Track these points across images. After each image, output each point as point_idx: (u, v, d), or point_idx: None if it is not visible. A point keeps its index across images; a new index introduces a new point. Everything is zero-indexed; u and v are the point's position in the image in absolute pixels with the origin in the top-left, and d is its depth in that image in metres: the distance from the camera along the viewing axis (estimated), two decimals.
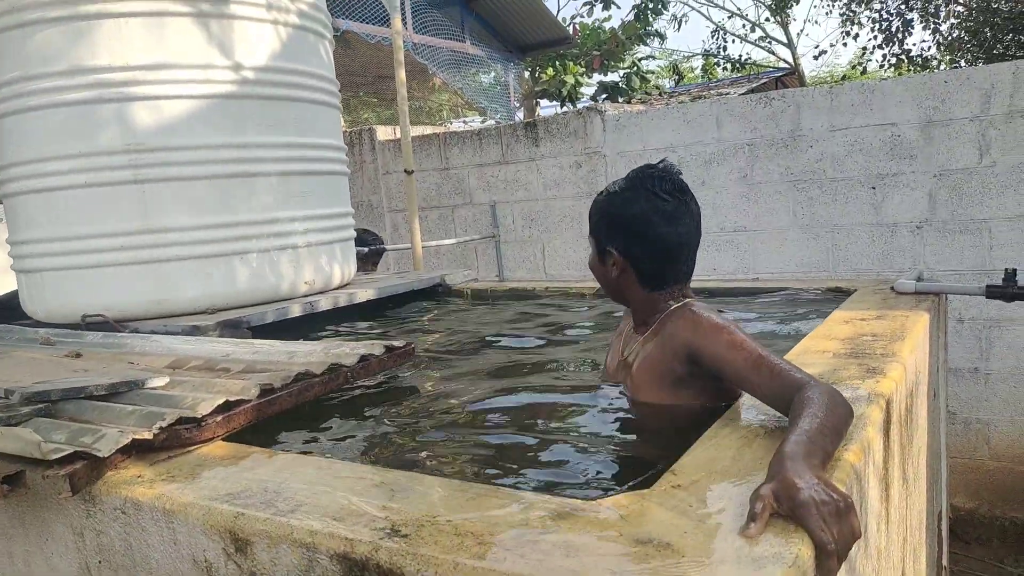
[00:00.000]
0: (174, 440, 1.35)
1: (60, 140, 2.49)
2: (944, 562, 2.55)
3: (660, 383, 1.49)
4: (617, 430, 1.52)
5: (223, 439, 1.41)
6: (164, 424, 1.33)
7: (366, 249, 4.16)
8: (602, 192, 1.63)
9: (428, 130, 6.07)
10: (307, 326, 2.65)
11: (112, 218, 2.51)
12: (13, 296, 2.93)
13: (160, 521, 1.15)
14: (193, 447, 1.36)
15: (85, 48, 2.45)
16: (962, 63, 10.52)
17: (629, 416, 1.55)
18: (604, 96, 11.38)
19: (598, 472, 1.30)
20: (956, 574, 3.68)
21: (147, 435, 1.31)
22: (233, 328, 2.41)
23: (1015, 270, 2.18)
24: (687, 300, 1.57)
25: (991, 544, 4.07)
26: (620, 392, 1.62)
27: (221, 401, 1.43)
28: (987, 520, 4.14)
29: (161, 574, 1.17)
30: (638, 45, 12.85)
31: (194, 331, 2.36)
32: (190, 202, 2.55)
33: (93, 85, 2.46)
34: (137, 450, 1.32)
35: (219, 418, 1.41)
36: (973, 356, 4.06)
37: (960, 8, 10.43)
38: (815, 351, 1.70)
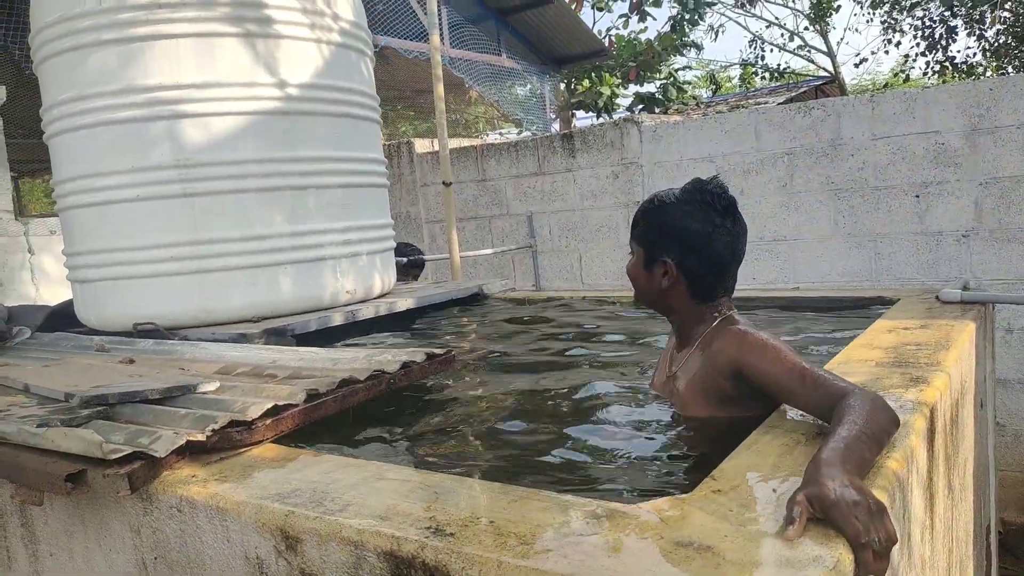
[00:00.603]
0: (225, 442, 1.40)
1: (113, 156, 2.60)
2: None
3: (707, 400, 1.52)
4: (658, 438, 1.53)
5: (272, 442, 1.45)
6: (216, 427, 1.38)
7: (405, 260, 4.22)
8: (653, 200, 1.63)
9: (465, 142, 6.15)
10: (349, 334, 2.71)
11: (162, 230, 2.59)
12: (68, 305, 3.05)
13: (214, 519, 1.19)
14: (244, 449, 1.40)
15: (138, 68, 2.55)
16: (1009, 69, 10.28)
17: (671, 425, 1.56)
18: (640, 107, 11.37)
19: (639, 478, 1.31)
20: None
21: (200, 437, 1.36)
22: (278, 336, 2.48)
23: None
24: (729, 314, 1.59)
25: None
26: (664, 404, 1.63)
27: (270, 405, 1.48)
28: None
29: (214, 570, 1.21)
30: (674, 56, 12.82)
31: (241, 339, 2.43)
32: (236, 215, 2.63)
33: (145, 104, 2.55)
34: (191, 451, 1.37)
35: (268, 421, 1.45)
36: (1023, 367, 3.96)
37: (1006, 14, 10.20)
38: (858, 360, 1.69)
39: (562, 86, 12.15)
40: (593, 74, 11.98)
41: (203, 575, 1.24)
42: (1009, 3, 9.95)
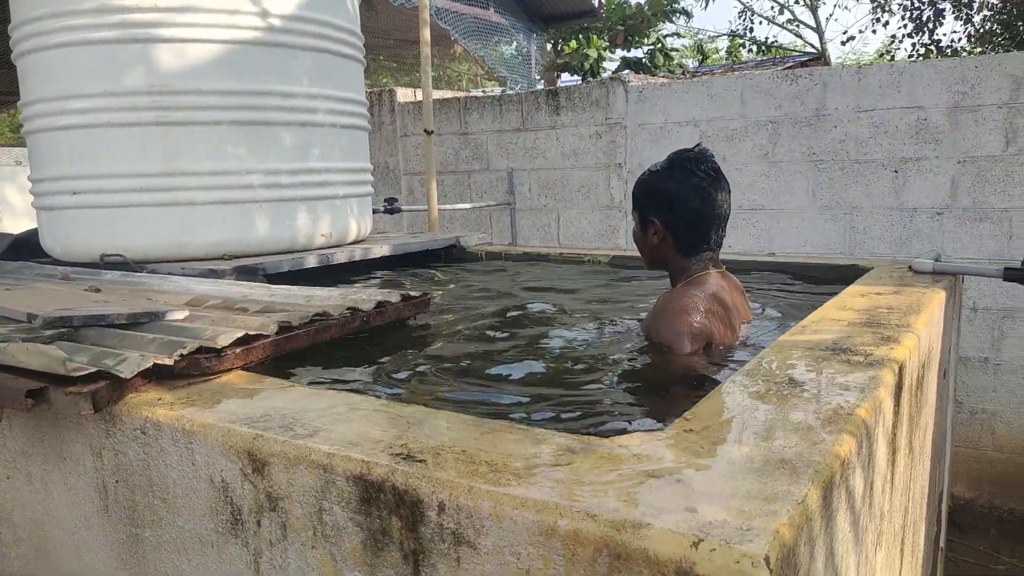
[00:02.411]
0: (194, 368, 1.37)
1: (85, 78, 2.50)
2: (941, 543, 2.57)
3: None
4: (633, 380, 1.53)
5: (241, 370, 1.43)
6: (185, 351, 1.36)
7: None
8: (645, 172, 1.85)
9: (448, 94, 6.04)
10: (321, 278, 2.67)
11: (134, 159, 2.52)
12: (32, 234, 2.96)
13: (179, 442, 1.17)
14: (212, 376, 1.38)
15: None
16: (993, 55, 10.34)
17: (645, 368, 1.57)
18: (626, 72, 11.27)
19: (612, 417, 1.31)
20: (951, 560, 3.71)
21: (168, 361, 1.33)
22: (249, 274, 2.44)
23: None
24: (707, 271, 1.79)
25: (988, 534, 4.09)
26: (642, 348, 1.68)
27: (240, 334, 1.45)
28: (986, 510, 4.16)
29: (178, 494, 1.20)
30: (663, 22, 12.69)
31: (211, 275, 2.39)
32: (212, 147, 2.56)
33: (120, 25, 2.46)
34: (157, 376, 1.34)
35: (238, 350, 1.43)
36: (984, 346, 4.05)
37: (995, 0, 10.22)
38: (830, 319, 1.70)
39: (549, 46, 11.99)
40: (581, 36, 11.83)
41: (166, 499, 1.22)
42: None
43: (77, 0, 2.46)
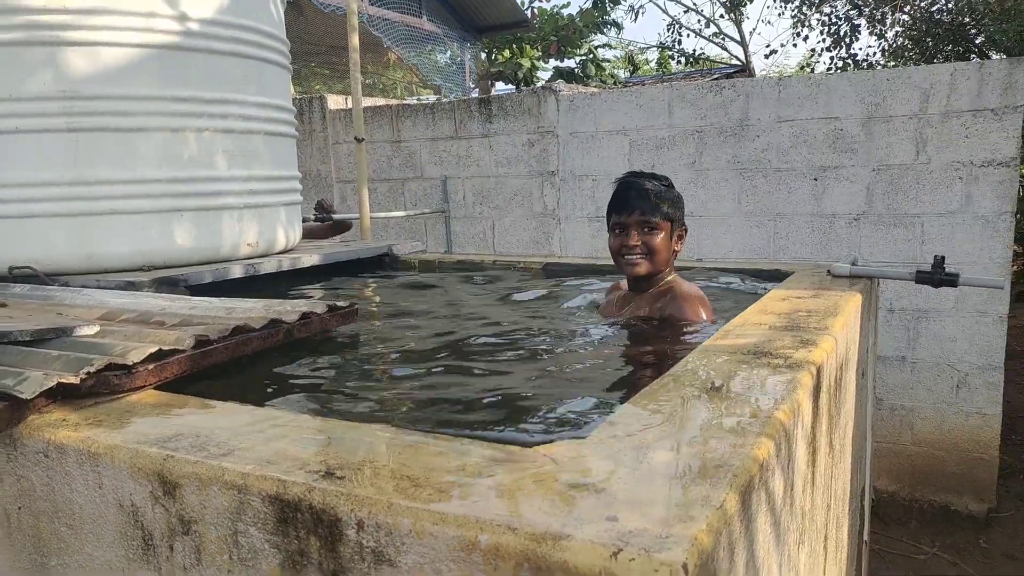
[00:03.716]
0: (102, 386, 1.30)
1: None
2: (865, 537, 2.66)
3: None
4: (558, 385, 1.53)
5: (155, 388, 1.37)
6: (92, 369, 1.29)
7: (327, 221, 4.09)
8: (663, 183, 2.12)
9: (380, 101, 5.98)
10: (248, 290, 2.59)
11: (44, 167, 2.40)
12: None
13: (85, 465, 1.11)
14: (122, 394, 1.32)
15: None
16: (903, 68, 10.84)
17: (577, 371, 1.58)
18: (559, 82, 11.40)
19: (540, 424, 1.31)
20: (875, 552, 3.85)
21: (73, 379, 1.26)
22: (170, 286, 2.34)
23: (944, 257, 2.27)
24: (676, 274, 2.19)
25: (909, 525, 4.27)
26: (572, 348, 1.69)
27: (153, 350, 1.39)
28: (907, 502, 4.34)
29: (84, 519, 1.14)
30: (595, 33, 12.90)
31: (128, 287, 2.28)
32: (128, 155, 2.45)
33: (27, 26, 2.34)
34: (63, 395, 1.27)
35: (151, 367, 1.37)
36: (901, 345, 4.23)
37: (905, 17, 10.74)
38: (753, 323, 1.74)
39: (483, 55, 12.04)
40: (514, 45, 11.91)
41: (73, 525, 1.16)
42: (908, 6, 10.47)
43: None
